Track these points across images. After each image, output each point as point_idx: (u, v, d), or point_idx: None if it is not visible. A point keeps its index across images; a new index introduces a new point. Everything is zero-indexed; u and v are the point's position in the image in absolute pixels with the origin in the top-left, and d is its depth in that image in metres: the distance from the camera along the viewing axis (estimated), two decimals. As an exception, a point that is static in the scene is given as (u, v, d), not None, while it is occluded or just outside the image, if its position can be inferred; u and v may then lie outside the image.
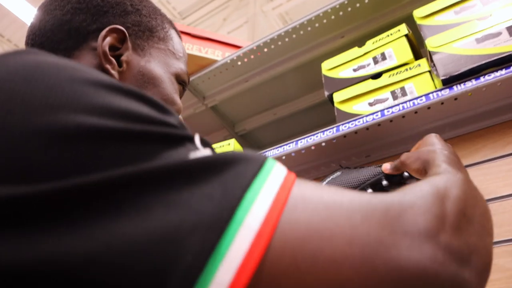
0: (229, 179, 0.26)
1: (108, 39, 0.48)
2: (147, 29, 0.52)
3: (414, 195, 0.33)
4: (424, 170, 0.57)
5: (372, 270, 0.26)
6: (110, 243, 0.22)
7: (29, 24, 0.53)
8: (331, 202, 0.29)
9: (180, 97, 0.58)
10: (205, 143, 0.32)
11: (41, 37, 0.50)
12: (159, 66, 0.52)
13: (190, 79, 1.32)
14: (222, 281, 0.23)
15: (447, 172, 0.44)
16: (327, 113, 1.22)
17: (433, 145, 0.59)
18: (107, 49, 0.48)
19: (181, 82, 0.56)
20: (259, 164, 0.28)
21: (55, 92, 0.27)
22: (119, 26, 0.49)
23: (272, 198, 0.27)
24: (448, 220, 0.32)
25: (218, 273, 0.23)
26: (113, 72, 0.47)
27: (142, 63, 0.50)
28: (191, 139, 0.30)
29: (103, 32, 0.48)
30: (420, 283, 0.27)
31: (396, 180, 0.76)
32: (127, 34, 0.49)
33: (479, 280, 0.32)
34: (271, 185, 0.28)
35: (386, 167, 0.69)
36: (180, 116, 0.58)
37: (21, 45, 6.56)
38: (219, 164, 0.27)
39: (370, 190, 0.77)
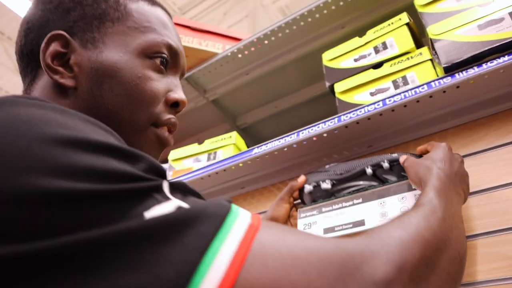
0: (189, 240, 0.27)
1: (51, 49, 0.44)
2: (94, 19, 0.47)
3: (380, 243, 0.33)
4: (419, 185, 0.59)
5: None
6: None
7: None
8: (289, 258, 0.29)
9: (164, 71, 0.51)
10: (176, 187, 0.32)
11: (19, 67, 0.50)
12: (115, 51, 0.46)
13: (191, 72, 1.32)
14: None
15: (430, 205, 0.45)
16: (328, 105, 1.21)
17: (435, 162, 0.60)
18: (49, 60, 0.44)
19: (156, 54, 0.48)
20: (221, 219, 0.29)
21: (25, 155, 0.28)
22: (56, 31, 0.45)
23: (230, 258, 0.28)
24: (408, 270, 0.32)
25: None
26: (63, 81, 0.44)
27: (93, 58, 0.45)
28: (158, 189, 0.31)
29: (42, 45, 0.44)
30: None
31: (397, 169, 0.76)
32: (67, 36, 0.45)
33: None
34: (230, 244, 0.28)
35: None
36: (178, 95, 0.51)
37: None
38: (181, 223, 0.28)
39: (369, 170, 0.78)
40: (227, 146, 1.19)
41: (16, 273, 0.24)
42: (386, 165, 0.76)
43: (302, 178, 0.87)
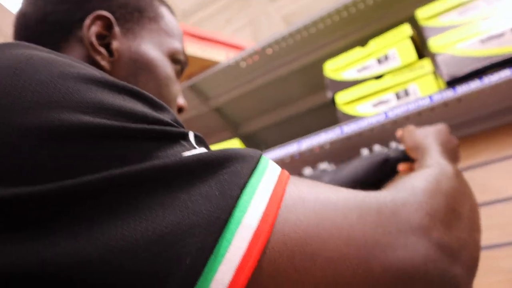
0: (225, 178, 0.26)
1: (94, 28, 0.44)
2: (135, 10, 0.48)
3: (406, 193, 0.33)
4: (417, 151, 0.58)
5: (368, 270, 0.27)
6: (108, 245, 0.22)
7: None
8: (327, 202, 0.29)
9: (178, 78, 0.54)
10: (200, 140, 0.32)
11: (26, 30, 0.47)
12: (152, 48, 0.48)
13: (194, 80, 1.33)
14: (221, 282, 0.23)
15: (439, 165, 0.45)
16: (331, 115, 1.22)
17: (430, 130, 0.60)
18: (93, 39, 0.44)
19: (177, 61, 0.52)
20: (254, 161, 0.28)
21: (46, 88, 0.26)
22: (103, 12, 0.45)
23: (269, 196, 0.27)
24: (439, 216, 0.32)
25: (217, 274, 0.23)
26: (103, 63, 0.44)
27: (133, 48, 0.47)
28: (185, 137, 0.30)
29: (87, 21, 0.44)
30: (413, 280, 0.28)
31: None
32: (113, 20, 0.45)
33: (468, 275, 0.32)
34: (266, 183, 0.27)
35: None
36: (182, 101, 0.54)
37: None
38: (215, 163, 0.27)
39: (377, 147, 0.76)
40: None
41: (38, 214, 0.23)
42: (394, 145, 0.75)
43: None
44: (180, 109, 0.54)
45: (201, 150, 0.29)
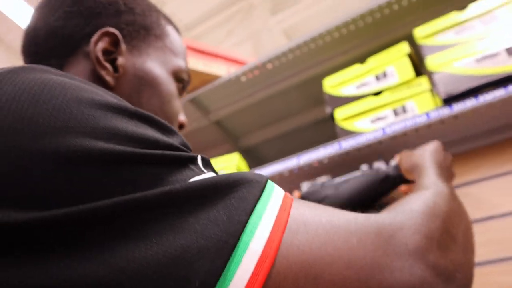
0: (233, 203, 0.27)
1: (101, 44, 0.45)
2: (142, 28, 0.49)
3: (404, 216, 0.34)
4: (414, 173, 0.60)
5: None
6: (121, 267, 0.23)
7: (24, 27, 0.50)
8: (329, 226, 0.30)
9: (180, 95, 0.55)
10: (207, 163, 0.33)
11: (35, 45, 0.47)
12: (157, 65, 0.49)
13: (195, 94, 1.35)
14: None
15: (435, 187, 0.46)
16: (330, 129, 1.23)
17: (427, 151, 0.62)
18: (100, 54, 0.45)
19: (180, 79, 0.53)
20: (261, 187, 0.29)
21: (62, 113, 0.27)
22: (111, 29, 0.46)
23: (273, 221, 0.28)
24: (435, 239, 0.33)
25: None
26: (108, 78, 0.45)
27: (138, 65, 0.48)
28: (194, 161, 0.31)
29: (95, 37, 0.45)
30: None
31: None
32: (120, 37, 0.46)
33: None
34: (272, 208, 0.28)
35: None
36: (183, 118, 0.55)
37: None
38: (223, 188, 0.28)
39: (364, 167, 0.78)
40: (229, 167, 1.20)
41: (52, 238, 0.23)
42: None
43: (296, 194, 0.88)
44: (181, 126, 0.55)
45: (209, 174, 0.30)
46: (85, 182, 0.25)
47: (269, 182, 0.31)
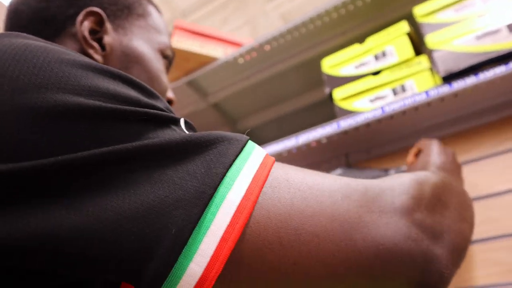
0: (212, 158, 0.27)
1: (86, 23, 0.46)
2: (125, 7, 0.50)
3: (393, 181, 0.35)
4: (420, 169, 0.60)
5: (351, 245, 0.28)
6: (100, 216, 0.23)
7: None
8: (312, 183, 0.30)
9: (167, 72, 0.57)
10: (190, 127, 0.33)
11: (18, 27, 0.48)
12: (142, 43, 0.50)
13: (192, 77, 1.33)
14: (205, 252, 0.24)
15: (433, 172, 0.46)
16: (329, 111, 1.23)
17: (431, 155, 0.61)
18: (86, 33, 0.46)
19: (166, 56, 0.54)
20: (241, 144, 0.30)
21: (43, 71, 0.27)
22: (95, 8, 0.47)
23: (252, 175, 0.28)
24: (424, 201, 0.34)
25: (202, 244, 0.24)
26: (96, 56, 0.46)
27: (124, 43, 0.49)
28: (176, 122, 0.31)
29: (80, 17, 0.46)
30: (395, 257, 0.29)
31: None
32: (104, 16, 0.47)
33: (451, 259, 0.33)
34: (251, 164, 0.29)
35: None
36: (171, 94, 0.57)
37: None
38: (202, 143, 0.28)
39: (392, 171, 0.79)
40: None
41: (31, 188, 0.24)
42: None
43: None
44: (170, 102, 0.56)
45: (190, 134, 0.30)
46: (65, 135, 0.25)
47: (250, 142, 0.31)
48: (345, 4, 1.12)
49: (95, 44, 0.46)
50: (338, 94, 0.96)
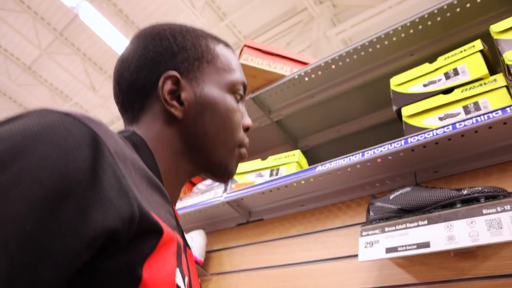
0: None
1: (166, 87, 0.53)
2: (195, 60, 0.56)
3: None
4: None
5: None
6: None
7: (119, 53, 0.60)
8: None
9: (242, 101, 0.61)
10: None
11: (122, 95, 0.57)
12: (213, 88, 0.56)
13: (258, 93, 1.38)
14: None
15: None
16: (391, 133, 1.21)
17: None
18: (166, 95, 0.53)
19: (236, 91, 0.59)
20: None
21: None
22: (171, 72, 0.54)
23: None
24: None
25: None
26: (176, 113, 0.53)
27: (198, 94, 0.55)
28: None
29: (160, 83, 0.53)
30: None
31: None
32: (178, 76, 0.54)
33: None
34: None
35: None
36: (248, 121, 0.61)
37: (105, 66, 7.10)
38: None
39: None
40: (290, 163, 1.22)
41: None
42: (459, 206, 0.75)
43: None
44: (247, 129, 0.61)
45: None
46: None
47: None
48: (414, 24, 1.12)
49: (175, 103, 0.54)
50: (406, 111, 0.96)
